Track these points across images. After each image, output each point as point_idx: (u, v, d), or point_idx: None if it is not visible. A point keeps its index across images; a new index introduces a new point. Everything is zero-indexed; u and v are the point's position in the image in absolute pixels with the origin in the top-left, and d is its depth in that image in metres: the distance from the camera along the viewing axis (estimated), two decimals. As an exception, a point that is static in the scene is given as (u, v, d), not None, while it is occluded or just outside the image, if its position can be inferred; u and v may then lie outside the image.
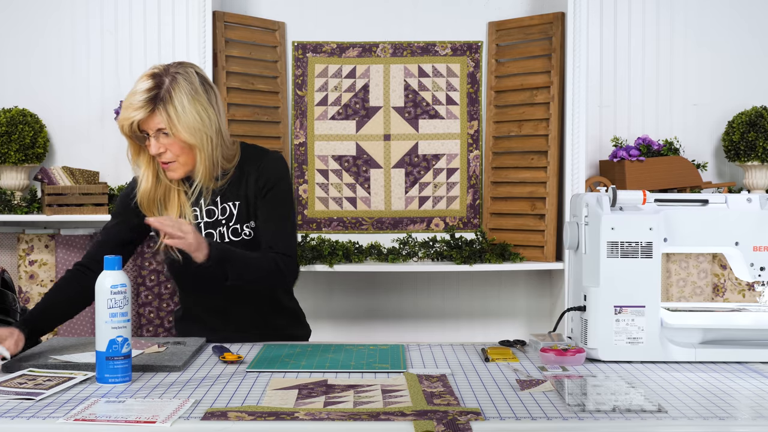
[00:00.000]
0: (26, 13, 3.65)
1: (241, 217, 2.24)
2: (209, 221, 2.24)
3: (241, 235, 2.24)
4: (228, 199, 2.24)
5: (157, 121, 2.11)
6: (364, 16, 3.71)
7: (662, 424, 1.48)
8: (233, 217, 2.24)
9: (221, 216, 2.24)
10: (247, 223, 2.24)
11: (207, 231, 2.24)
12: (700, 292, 3.51)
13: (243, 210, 2.24)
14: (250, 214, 2.25)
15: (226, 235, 2.24)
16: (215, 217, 2.24)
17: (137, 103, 2.11)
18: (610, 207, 2.02)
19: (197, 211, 2.24)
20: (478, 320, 3.78)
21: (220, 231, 2.24)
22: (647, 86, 3.75)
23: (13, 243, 3.53)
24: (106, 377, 1.74)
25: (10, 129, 3.39)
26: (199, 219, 2.24)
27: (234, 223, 2.24)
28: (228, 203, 2.24)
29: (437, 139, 3.70)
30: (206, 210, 2.24)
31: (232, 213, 2.24)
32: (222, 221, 2.24)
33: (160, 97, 2.11)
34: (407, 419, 1.47)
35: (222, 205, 2.24)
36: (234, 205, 2.24)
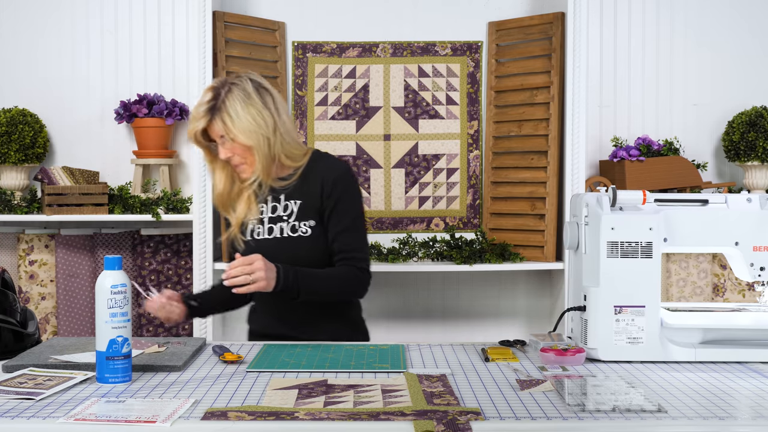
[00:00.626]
0: (26, 13, 3.65)
1: (300, 215, 2.38)
2: (272, 216, 2.40)
3: (299, 231, 2.37)
4: (291, 197, 2.39)
5: (217, 129, 2.30)
6: (364, 16, 3.71)
7: (662, 424, 1.48)
8: (293, 215, 2.38)
9: (283, 213, 2.39)
10: (305, 221, 2.37)
11: (269, 225, 2.40)
12: (700, 292, 3.51)
13: (303, 209, 2.37)
14: (309, 213, 2.37)
15: (285, 230, 2.38)
16: (277, 213, 2.40)
17: (198, 114, 2.32)
18: (610, 207, 2.02)
19: (264, 207, 2.41)
20: (478, 320, 3.78)
21: (281, 226, 2.39)
22: (647, 86, 3.75)
23: (13, 243, 3.53)
24: (106, 377, 1.74)
25: (10, 129, 3.39)
26: (264, 214, 2.41)
27: (293, 220, 2.38)
28: (290, 201, 2.39)
29: (437, 139, 3.71)
30: (271, 206, 2.41)
31: (292, 210, 2.38)
32: (283, 217, 2.39)
33: (216, 107, 2.29)
34: (407, 419, 1.47)
35: (285, 203, 2.39)
36: (295, 203, 2.38)
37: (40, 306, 3.50)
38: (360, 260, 2.36)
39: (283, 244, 2.35)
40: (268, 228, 2.39)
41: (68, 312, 3.49)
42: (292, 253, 2.33)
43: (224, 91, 2.29)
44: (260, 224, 2.40)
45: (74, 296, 3.50)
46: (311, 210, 2.36)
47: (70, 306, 3.49)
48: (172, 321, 2.38)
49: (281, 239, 2.36)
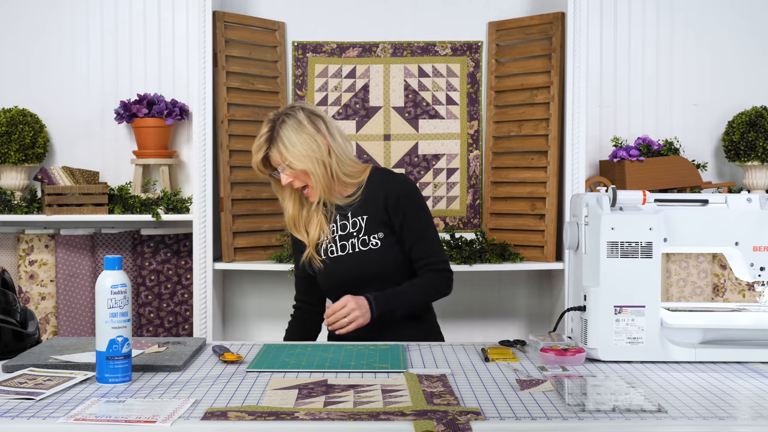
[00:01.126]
0: (26, 13, 3.65)
1: (369, 229, 2.51)
2: (342, 234, 2.53)
3: (369, 244, 2.50)
4: (357, 214, 2.52)
5: (276, 158, 2.49)
6: (364, 16, 3.71)
7: (662, 424, 1.48)
8: (362, 230, 2.51)
9: (352, 229, 2.52)
10: (374, 234, 2.50)
11: (341, 242, 2.52)
12: (700, 292, 3.51)
13: (370, 223, 2.51)
14: (376, 226, 2.50)
15: (356, 245, 2.51)
16: (347, 230, 2.53)
17: (256, 147, 2.51)
18: (610, 207, 2.02)
19: (334, 226, 2.55)
20: (478, 320, 3.78)
21: (352, 242, 2.52)
22: (647, 86, 3.75)
23: (13, 243, 3.53)
24: (106, 377, 1.74)
25: (10, 129, 3.39)
26: (335, 233, 2.54)
27: (363, 235, 2.51)
28: (357, 218, 2.52)
29: (437, 139, 3.70)
30: (340, 224, 2.54)
31: (361, 226, 2.52)
32: (353, 233, 2.52)
33: (272, 138, 2.49)
34: (407, 419, 1.47)
35: (353, 220, 2.53)
36: (362, 219, 2.51)
37: (40, 306, 3.50)
38: (437, 263, 2.52)
39: (356, 258, 2.49)
40: (341, 245, 2.52)
41: (68, 312, 3.49)
42: (366, 264, 2.48)
43: (278, 122, 2.48)
44: (333, 243, 2.53)
45: (74, 296, 3.50)
46: (378, 223, 2.50)
47: (70, 306, 3.49)
48: None
49: (354, 254, 2.50)
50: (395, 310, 2.43)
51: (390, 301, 2.43)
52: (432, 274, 2.51)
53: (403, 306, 2.45)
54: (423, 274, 2.51)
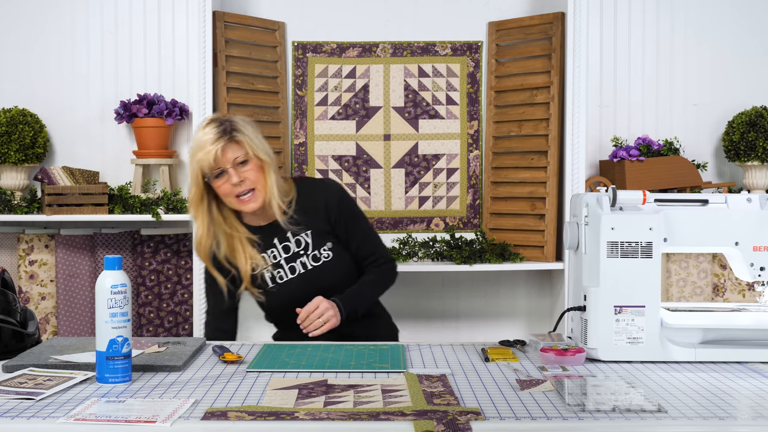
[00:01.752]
0: (26, 13, 3.65)
1: (316, 243, 2.44)
2: (288, 256, 2.44)
3: (321, 258, 2.45)
4: (299, 232, 2.44)
5: (234, 150, 2.32)
6: (364, 15, 3.71)
7: (662, 424, 1.48)
8: (309, 246, 2.44)
9: (297, 248, 2.44)
10: (323, 247, 2.45)
11: (289, 264, 2.44)
12: (700, 292, 3.51)
13: (316, 237, 2.44)
14: (323, 238, 2.45)
15: (307, 263, 2.44)
16: (292, 251, 2.44)
17: (212, 137, 2.31)
18: (610, 207, 2.02)
19: (275, 251, 2.44)
20: (478, 320, 3.78)
21: (302, 261, 2.44)
22: (647, 86, 3.75)
23: (13, 243, 3.53)
24: (106, 377, 1.74)
25: (10, 129, 3.39)
26: (278, 257, 2.44)
27: (312, 251, 2.44)
28: (300, 235, 2.44)
29: (437, 139, 3.70)
30: (282, 247, 2.44)
31: (307, 243, 2.44)
32: (300, 252, 2.44)
33: (228, 130, 2.33)
34: (407, 419, 1.47)
35: (296, 239, 2.44)
36: (307, 235, 2.44)
37: (40, 306, 3.50)
38: (382, 257, 2.54)
39: (311, 275, 2.44)
40: (289, 268, 2.44)
41: (68, 312, 3.49)
42: (322, 280, 2.43)
43: (225, 119, 2.36)
44: (278, 268, 2.44)
45: (74, 296, 3.50)
46: (323, 234, 2.45)
47: (70, 306, 3.49)
48: None
49: (307, 272, 2.44)
50: (358, 309, 2.42)
51: (353, 301, 2.41)
52: (379, 268, 2.52)
53: (365, 304, 2.46)
54: (371, 269, 2.52)
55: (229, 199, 2.37)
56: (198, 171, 2.34)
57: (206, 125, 2.36)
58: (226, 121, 2.36)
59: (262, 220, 2.46)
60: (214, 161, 2.31)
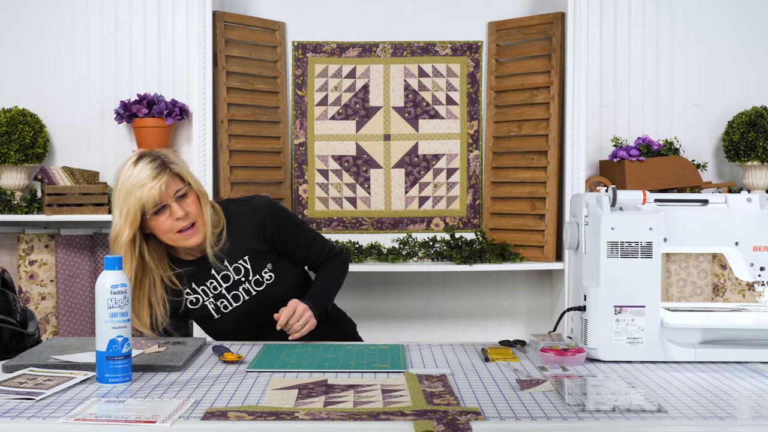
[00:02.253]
0: (26, 13, 3.65)
1: (256, 267, 2.37)
2: (228, 285, 2.37)
3: (264, 282, 2.38)
4: (236, 258, 2.35)
5: (176, 183, 2.24)
6: (364, 15, 3.71)
7: (662, 424, 1.48)
8: (249, 272, 2.37)
9: (237, 276, 2.37)
10: (263, 270, 2.37)
11: (232, 293, 2.36)
12: (700, 292, 3.51)
13: (255, 261, 2.37)
14: (262, 261, 2.37)
15: (251, 289, 2.37)
16: (232, 280, 2.37)
17: (151, 172, 2.20)
18: (610, 207, 2.02)
19: (214, 282, 2.36)
20: (478, 320, 3.78)
21: (244, 288, 2.37)
22: (647, 86, 3.75)
23: (13, 243, 3.53)
24: (106, 377, 1.74)
25: (10, 129, 3.39)
26: (219, 287, 2.36)
27: (253, 276, 2.37)
28: (238, 262, 2.36)
29: (437, 139, 3.70)
30: (221, 277, 2.36)
31: (246, 269, 2.37)
32: (241, 280, 2.37)
33: (165, 163, 2.23)
34: (407, 419, 1.47)
35: (234, 266, 2.36)
36: (245, 261, 2.36)
37: (40, 306, 3.50)
38: (332, 250, 2.50)
39: (256, 300, 2.37)
40: (232, 296, 2.36)
41: (68, 312, 3.49)
42: (269, 300, 2.35)
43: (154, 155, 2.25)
44: (221, 299, 2.36)
45: (74, 296, 3.50)
46: (262, 256, 2.37)
47: (70, 306, 3.49)
48: None
49: (252, 298, 2.37)
50: (327, 306, 2.38)
51: (322, 300, 2.36)
52: (333, 262, 2.49)
53: (330, 299, 2.41)
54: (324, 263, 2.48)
55: (170, 236, 2.25)
56: (137, 210, 2.18)
57: (136, 161, 2.23)
58: (157, 156, 2.25)
59: (197, 252, 2.35)
60: (159, 196, 2.19)
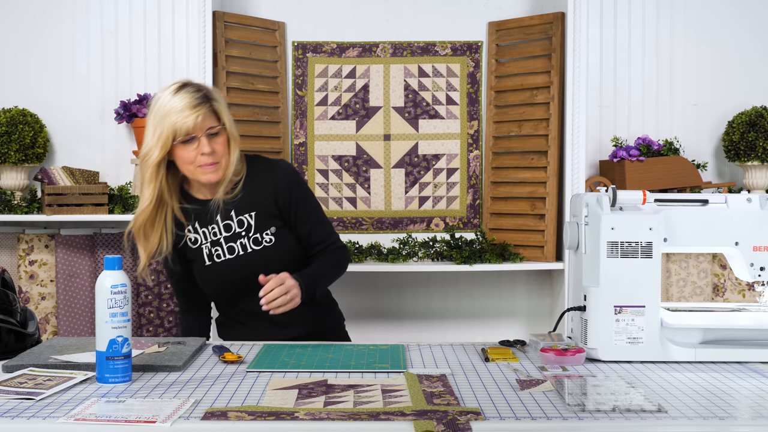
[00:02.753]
0: (26, 13, 3.65)
1: (259, 226, 2.33)
2: (228, 235, 2.34)
3: (263, 242, 2.33)
4: (243, 211, 2.33)
5: (211, 119, 2.24)
6: (364, 16, 3.71)
7: (662, 424, 1.48)
8: (252, 228, 2.33)
9: (239, 228, 2.34)
10: (266, 231, 2.34)
11: (228, 244, 2.33)
12: (700, 292, 3.51)
13: (260, 219, 2.33)
14: (267, 222, 2.34)
15: (248, 245, 2.33)
16: (233, 230, 2.34)
17: (192, 101, 2.20)
18: (610, 207, 2.02)
19: (215, 228, 2.34)
20: (478, 320, 3.78)
21: (241, 242, 2.34)
22: (647, 86, 3.75)
23: (13, 243, 3.53)
24: (106, 377, 1.74)
25: (10, 129, 3.39)
26: (219, 235, 2.34)
27: (254, 233, 2.33)
28: (244, 215, 2.33)
29: (437, 139, 3.71)
30: (223, 225, 2.33)
31: (249, 224, 2.33)
32: (241, 233, 2.33)
33: (208, 97, 2.24)
34: (407, 419, 1.47)
35: (238, 218, 2.33)
36: (251, 216, 2.33)
37: (40, 306, 3.50)
38: (336, 242, 2.42)
39: (249, 259, 2.32)
40: (228, 247, 2.33)
41: (68, 312, 3.49)
42: (261, 264, 2.30)
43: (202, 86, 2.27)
44: (216, 246, 2.33)
45: (74, 296, 3.50)
46: (268, 217, 2.34)
47: (70, 306, 3.49)
48: None
49: (247, 254, 2.33)
50: (317, 289, 2.29)
51: (313, 281, 2.28)
52: (336, 254, 2.40)
53: (322, 285, 2.34)
54: (326, 252, 2.39)
55: (190, 167, 2.25)
56: (169, 134, 2.19)
57: (181, 87, 2.23)
58: (202, 88, 2.25)
59: (208, 193, 2.34)
60: (192, 127, 2.20)
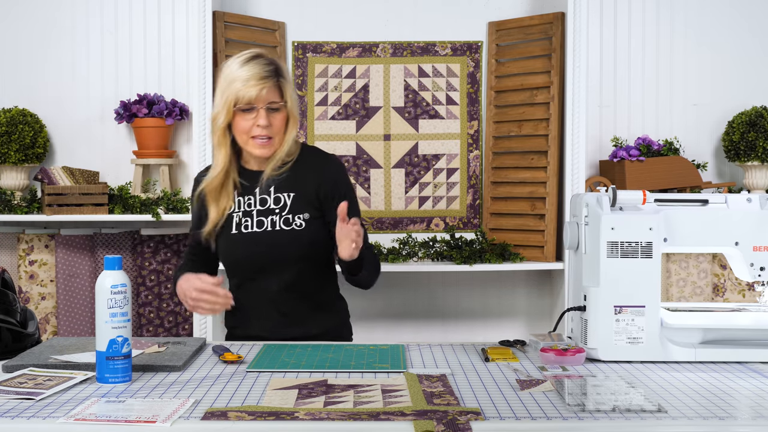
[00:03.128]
0: (26, 13, 3.65)
1: (294, 208, 2.33)
2: (261, 209, 2.34)
3: (292, 225, 2.32)
4: (282, 190, 2.34)
5: (274, 94, 2.26)
6: (364, 16, 3.71)
7: (662, 424, 1.48)
8: (286, 207, 2.33)
9: (274, 205, 2.34)
10: (299, 214, 2.33)
11: (259, 218, 2.34)
12: (700, 292, 3.51)
13: (297, 202, 2.33)
14: (303, 207, 2.33)
15: (278, 223, 2.33)
16: (267, 205, 2.34)
17: (261, 72, 2.24)
18: (610, 207, 2.02)
19: (251, 199, 2.35)
20: (478, 320, 3.78)
21: (272, 219, 2.33)
22: (647, 86, 3.75)
23: (13, 243, 3.53)
24: (106, 377, 1.74)
25: (10, 129, 3.39)
26: (253, 207, 2.35)
27: (287, 213, 2.33)
28: (282, 194, 2.34)
29: (437, 139, 3.71)
30: (259, 199, 2.35)
31: (285, 203, 2.34)
32: (275, 210, 2.33)
33: (277, 72, 2.27)
34: (407, 419, 1.47)
35: (275, 195, 2.34)
36: (288, 196, 2.34)
37: (40, 306, 3.50)
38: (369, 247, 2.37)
39: (275, 238, 2.32)
40: (257, 221, 2.33)
41: (68, 312, 3.49)
42: (285, 246, 2.31)
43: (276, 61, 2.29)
44: (247, 217, 2.34)
45: (74, 296, 3.50)
46: (305, 203, 2.33)
47: (70, 306, 3.49)
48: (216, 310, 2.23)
49: (274, 232, 2.32)
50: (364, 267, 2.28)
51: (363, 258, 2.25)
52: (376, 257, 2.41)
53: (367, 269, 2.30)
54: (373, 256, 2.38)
55: (243, 137, 2.29)
56: (232, 99, 2.24)
57: (252, 58, 2.27)
58: (274, 63, 2.28)
59: (255, 165, 2.38)
60: (255, 97, 2.24)
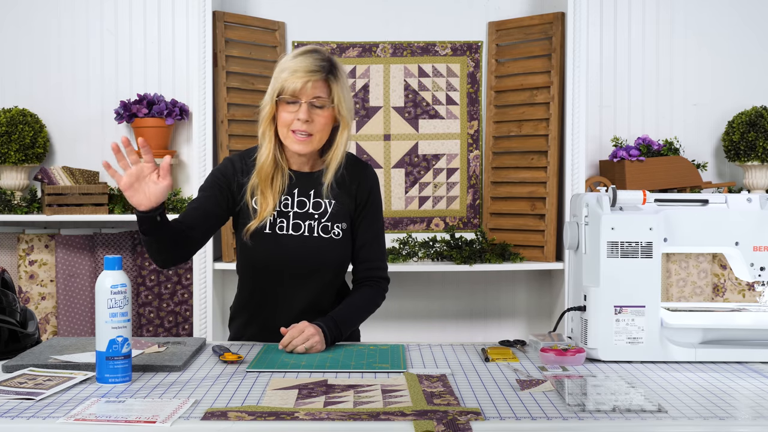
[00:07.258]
0: (26, 13, 3.65)
1: (335, 216, 2.26)
2: (299, 212, 2.25)
3: (330, 233, 2.25)
4: (322, 196, 2.26)
5: (320, 90, 2.18)
6: (364, 15, 3.71)
7: (662, 424, 1.48)
8: (326, 215, 2.26)
9: (313, 210, 2.26)
10: (338, 224, 2.26)
11: (295, 221, 2.25)
12: (700, 292, 3.51)
13: (338, 211, 2.26)
14: (343, 216, 2.27)
15: (315, 229, 2.25)
16: (306, 209, 2.26)
17: (311, 65, 2.17)
18: (610, 207, 2.02)
19: (288, 200, 2.25)
20: (478, 320, 3.78)
21: (310, 224, 2.25)
22: (647, 86, 3.75)
23: (13, 243, 3.53)
24: (106, 377, 1.74)
25: (10, 129, 3.39)
26: (290, 208, 2.25)
27: (326, 220, 2.26)
28: (324, 200, 2.26)
29: (437, 139, 3.71)
30: (298, 201, 2.26)
31: (326, 210, 2.26)
32: (314, 216, 2.25)
33: (329, 69, 2.19)
34: (407, 419, 1.47)
35: (315, 200, 2.26)
36: (329, 204, 2.26)
37: (40, 306, 3.50)
38: (383, 270, 2.34)
39: (311, 244, 2.24)
40: (294, 224, 2.25)
41: (68, 312, 3.49)
42: (318, 253, 2.25)
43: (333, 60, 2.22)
44: (282, 218, 2.25)
45: (74, 296, 3.50)
46: (345, 213, 2.27)
47: (70, 306, 3.49)
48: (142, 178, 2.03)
49: (310, 238, 2.24)
50: (343, 335, 2.20)
51: (340, 327, 2.18)
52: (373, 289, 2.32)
53: (350, 329, 2.24)
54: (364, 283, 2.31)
55: (283, 130, 2.20)
56: (278, 89, 2.17)
57: (308, 51, 2.20)
58: (329, 60, 2.21)
59: (295, 165, 2.28)
60: (299, 90, 2.16)
